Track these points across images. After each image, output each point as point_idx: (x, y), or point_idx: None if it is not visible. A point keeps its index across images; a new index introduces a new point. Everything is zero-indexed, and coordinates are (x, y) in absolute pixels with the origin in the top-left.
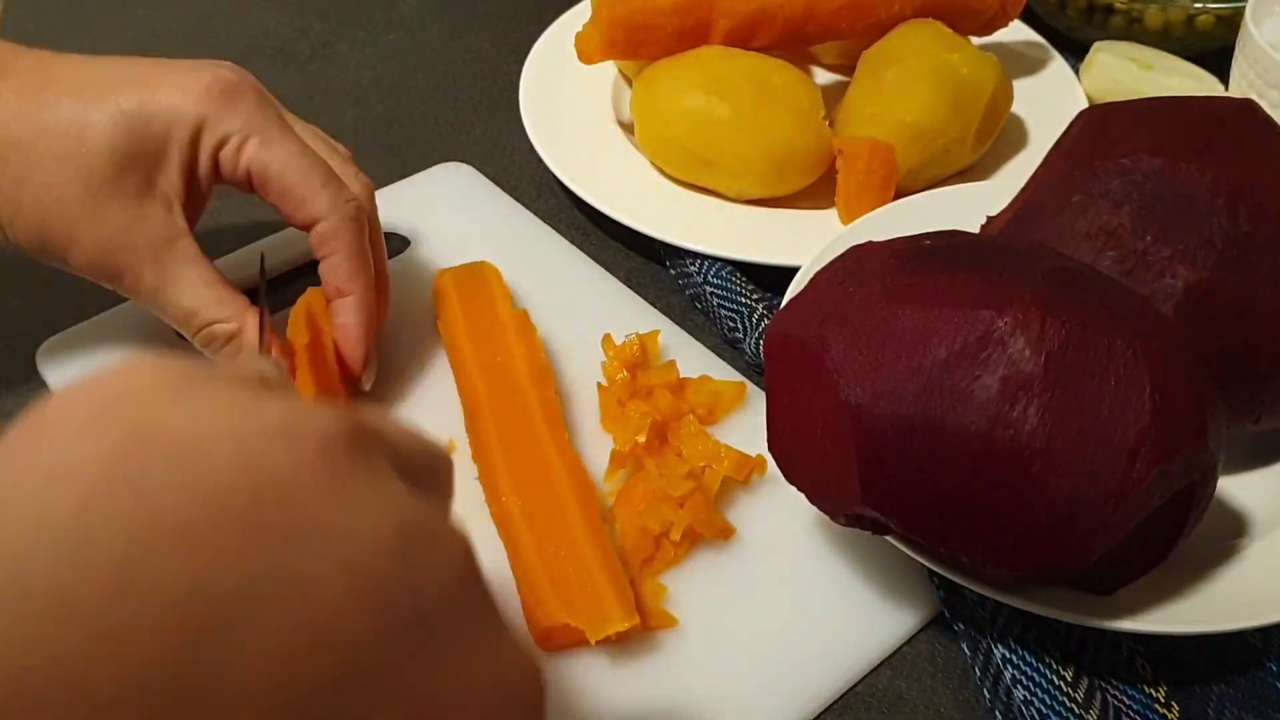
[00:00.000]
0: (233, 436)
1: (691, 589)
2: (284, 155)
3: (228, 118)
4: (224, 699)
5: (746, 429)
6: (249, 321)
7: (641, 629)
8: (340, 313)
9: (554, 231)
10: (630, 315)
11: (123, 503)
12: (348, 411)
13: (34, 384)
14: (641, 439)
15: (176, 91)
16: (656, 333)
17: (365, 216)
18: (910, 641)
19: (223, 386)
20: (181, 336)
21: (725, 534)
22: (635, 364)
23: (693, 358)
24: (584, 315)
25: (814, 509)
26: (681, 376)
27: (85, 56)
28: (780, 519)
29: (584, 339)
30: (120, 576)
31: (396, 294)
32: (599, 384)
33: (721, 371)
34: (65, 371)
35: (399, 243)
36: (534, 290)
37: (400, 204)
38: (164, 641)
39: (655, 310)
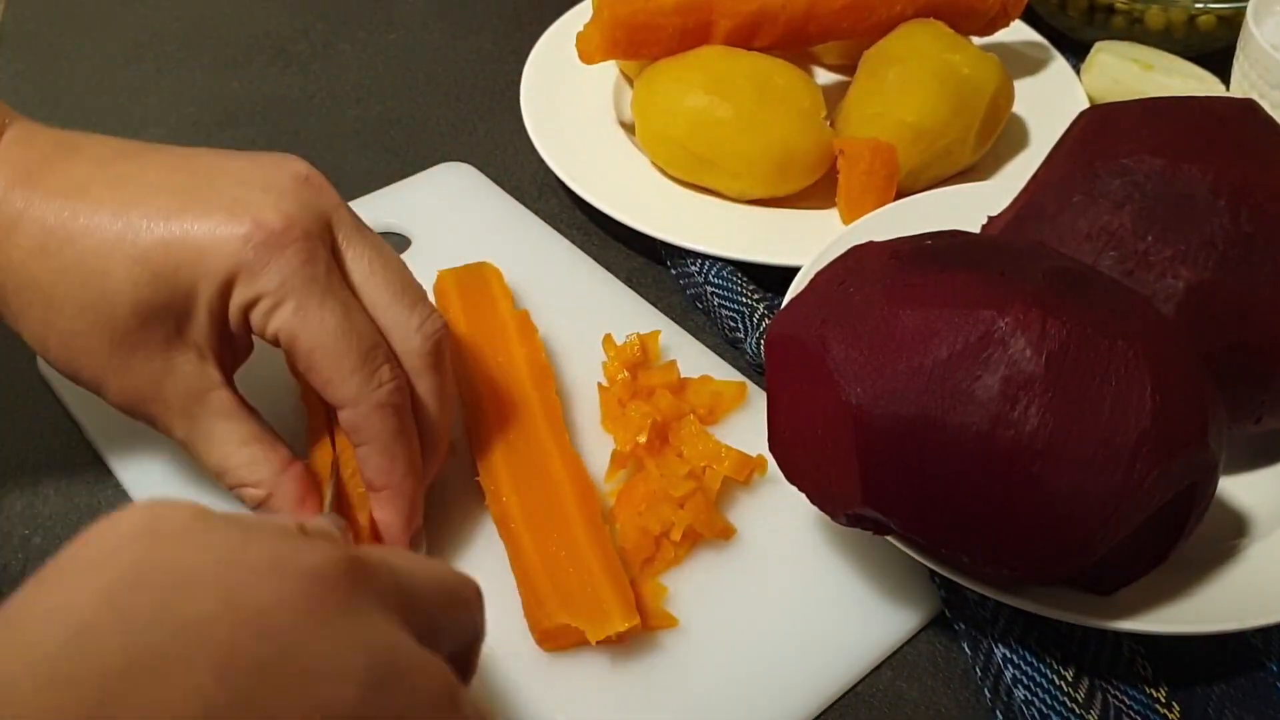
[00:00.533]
0: (220, 571)
1: (692, 589)
2: (317, 330)
3: (262, 276)
4: None
5: (747, 429)
6: (283, 487)
7: (642, 629)
8: (376, 506)
9: (555, 231)
10: (631, 315)
11: (108, 638)
12: (349, 549)
13: (34, 385)
14: (642, 439)
15: (210, 240)
16: (657, 333)
17: (400, 402)
18: (911, 642)
19: (233, 528)
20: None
21: (726, 534)
22: (636, 364)
23: (693, 358)
24: (585, 315)
25: (815, 509)
26: (682, 377)
27: (137, 166)
28: (781, 519)
29: (585, 339)
30: (96, 708)
31: None
32: (600, 384)
33: (722, 371)
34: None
35: (399, 242)
36: (535, 290)
37: (401, 203)
38: None
39: (656, 310)
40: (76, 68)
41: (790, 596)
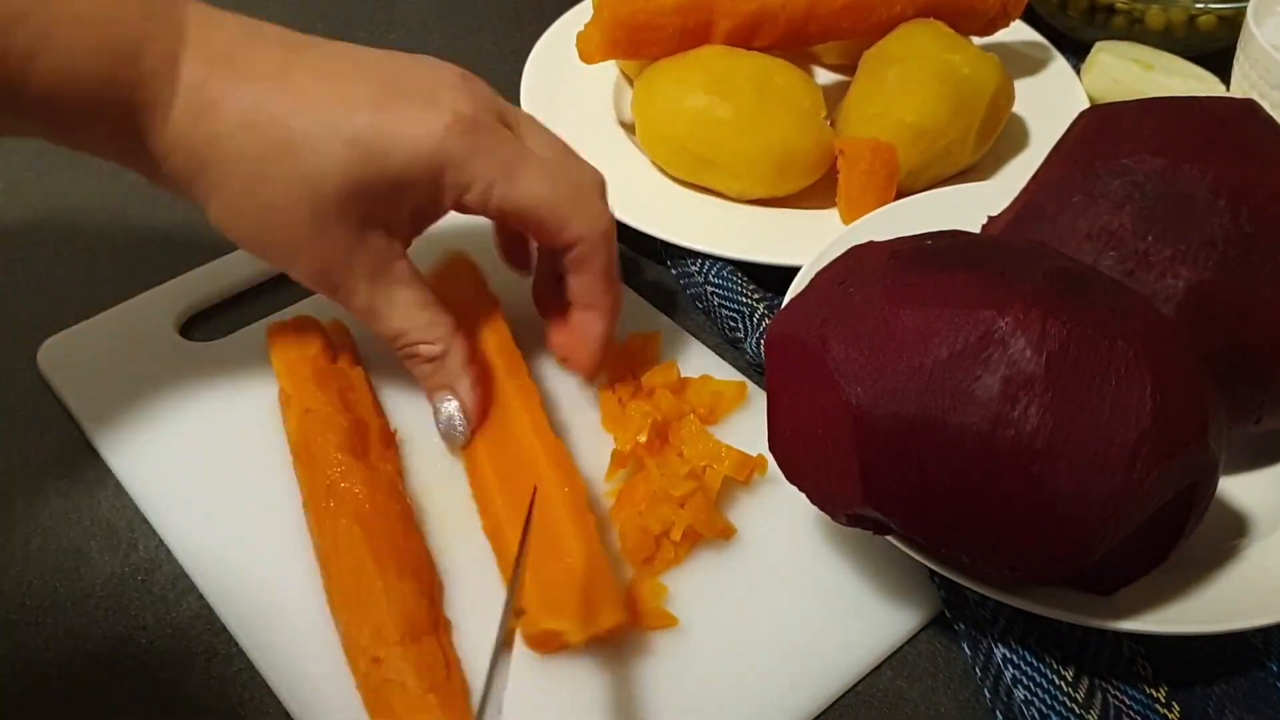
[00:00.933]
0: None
1: (692, 589)
2: (535, 193)
3: (471, 162)
4: None
5: (747, 429)
6: (456, 345)
7: (640, 628)
8: (586, 323)
9: None
10: (631, 315)
11: None
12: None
13: (34, 385)
14: (643, 439)
15: (417, 128)
16: (658, 333)
17: (614, 231)
18: (911, 641)
19: None
20: (184, 335)
21: (726, 534)
22: (636, 364)
23: (693, 358)
24: None
25: (815, 509)
26: (682, 376)
27: (327, 57)
28: (781, 519)
29: None
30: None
31: None
32: (600, 384)
33: (722, 371)
34: (66, 371)
35: None
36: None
37: None
38: None
39: (656, 310)
40: None
41: (790, 596)
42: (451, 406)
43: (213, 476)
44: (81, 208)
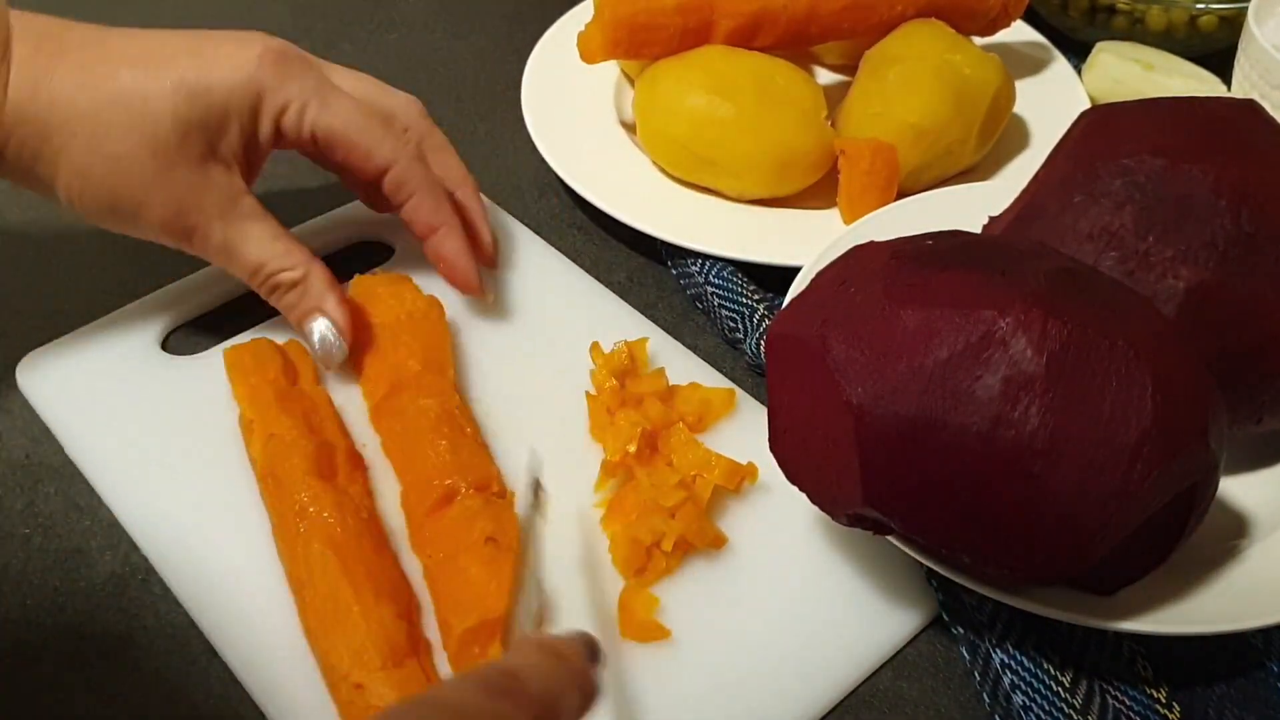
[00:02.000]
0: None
1: (687, 598)
2: (343, 114)
3: (284, 86)
4: None
5: (736, 436)
6: (314, 269)
7: (634, 641)
8: (439, 246)
9: (541, 239)
10: (619, 323)
11: None
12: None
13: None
14: (632, 449)
15: (231, 61)
16: (645, 340)
17: (425, 152)
18: (911, 642)
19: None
20: (164, 349)
21: (717, 543)
22: (624, 372)
23: (682, 365)
24: (572, 323)
25: (807, 514)
26: (671, 384)
27: (137, 30)
28: (773, 526)
29: (572, 347)
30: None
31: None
32: (587, 393)
33: (711, 378)
34: (45, 386)
35: (383, 252)
36: (521, 298)
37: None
38: None
39: (644, 317)
40: None
41: (785, 602)
42: (322, 325)
43: (192, 492)
44: (60, 220)
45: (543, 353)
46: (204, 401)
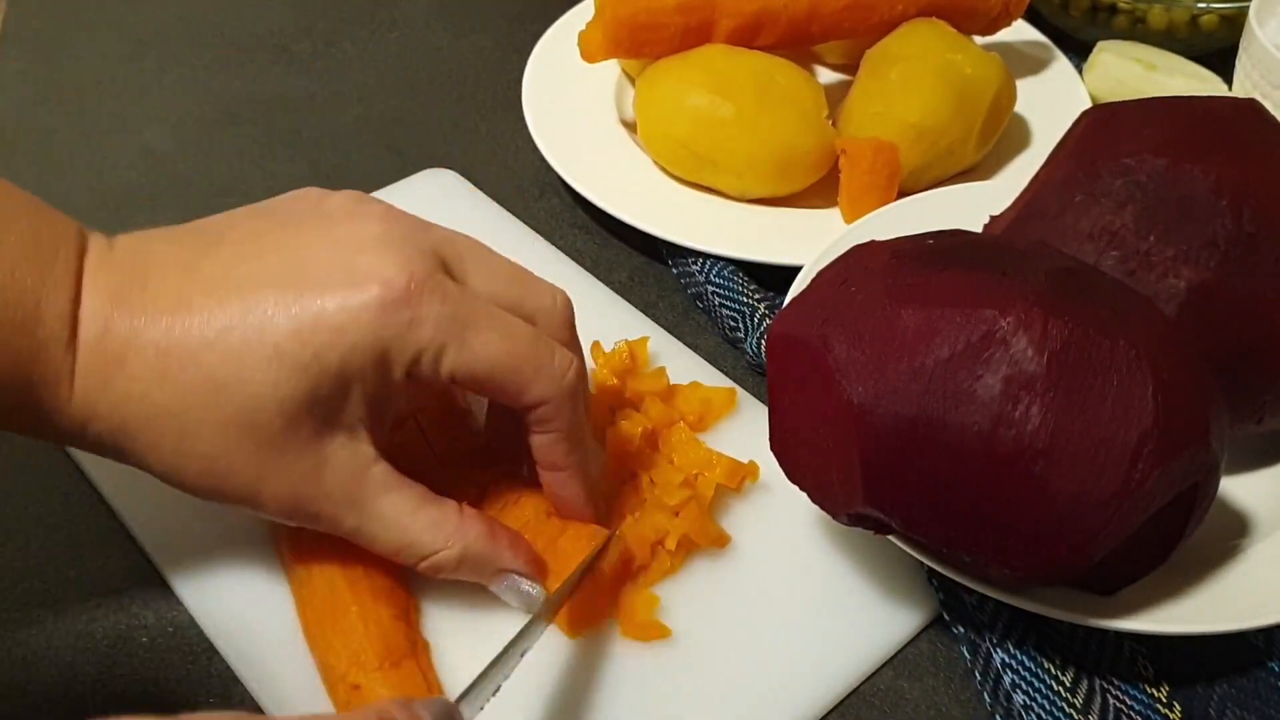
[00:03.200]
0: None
1: (689, 596)
2: (487, 356)
3: (413, 334)
4: None
5: (737, 435)
6: (469, 534)
7: (634, 640)
8: (558, 485)
9: (540, 237)
10: (619, 322)
11: None
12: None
13: None
14: (633, 447)
15: (344, 315)
16: (645, 339)
17: (581, 380)
18: (912, 641)
19: None
20: None
21: (720, 542)
22: (625, 371)
23: (682, 364)
24: None
25: (808, 513)
26: (671, 383)
27: (222, 258)
28: (774, 524)
29: None
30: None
31: None
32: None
33: (711, 378)
34: None
35: None
36: None
37: None
38: None
39: (644, 316)
40: (79, 66)
41: (787, 601)
42: (509, 584)
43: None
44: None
45: None
46: None
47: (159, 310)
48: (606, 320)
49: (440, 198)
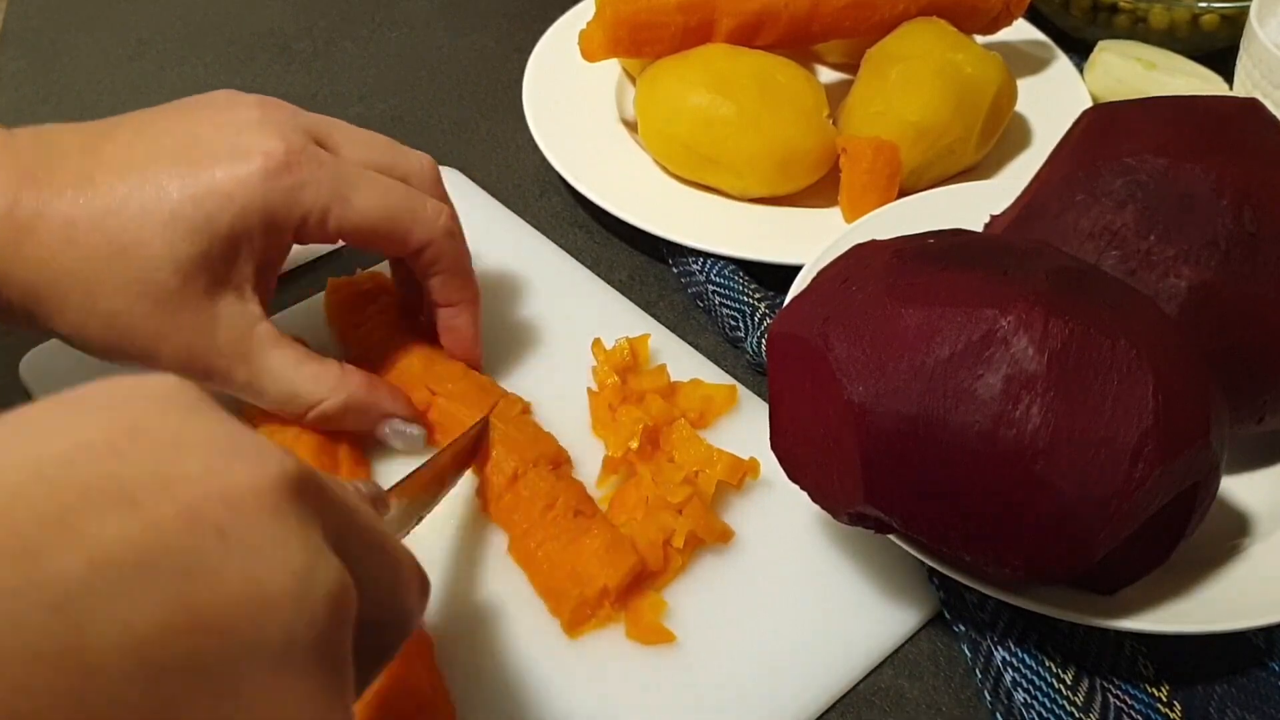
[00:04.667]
0: (204, 443)
1: (690, 593)
2: (368, 210)
3: (296, 197)
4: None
5: (738, 433)
6: (349, 384)
7: (639, 642)
8: (452, 318)
9: (542, 235)
10: (620, 319)
11: (91, 469)
12: (317, 474)
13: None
14: (634, 445)
15: (231, 181)
16: (646, 337)
17: (456, 222)
18: (912, 639)
19: (221, 414)
20: None
21: (725, 538)
22: (625, 368)
23: (683, 361)
24: (573, 320)
25: (809, 511)
26: (672, 380)
27: (120, 141)
28: (775, 522)
29: (574, 343)
30: (60, 522)
31: None
32: (589, 389)
33: (712, 375)
34: (49, 382)
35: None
36: (522, 294)
37: None
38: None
39: (645, 314)
40: (79, 65)
41: (788, 598)
42: (391, 428)
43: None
44: None
45: (545, 349)
46: None
47: (64, 185)
48: (607, 318)
49: None
